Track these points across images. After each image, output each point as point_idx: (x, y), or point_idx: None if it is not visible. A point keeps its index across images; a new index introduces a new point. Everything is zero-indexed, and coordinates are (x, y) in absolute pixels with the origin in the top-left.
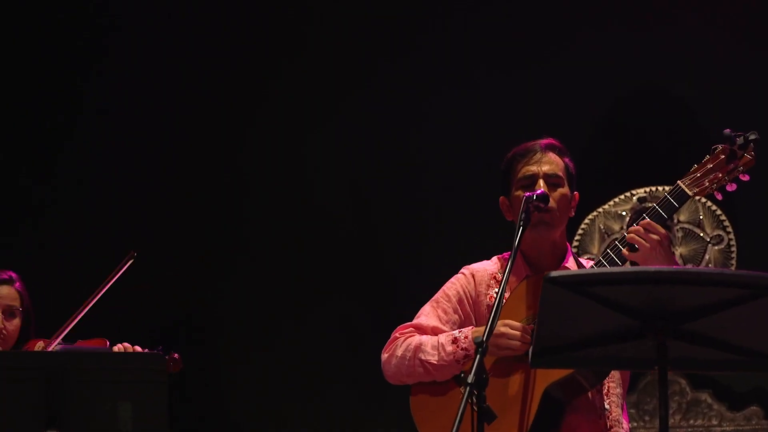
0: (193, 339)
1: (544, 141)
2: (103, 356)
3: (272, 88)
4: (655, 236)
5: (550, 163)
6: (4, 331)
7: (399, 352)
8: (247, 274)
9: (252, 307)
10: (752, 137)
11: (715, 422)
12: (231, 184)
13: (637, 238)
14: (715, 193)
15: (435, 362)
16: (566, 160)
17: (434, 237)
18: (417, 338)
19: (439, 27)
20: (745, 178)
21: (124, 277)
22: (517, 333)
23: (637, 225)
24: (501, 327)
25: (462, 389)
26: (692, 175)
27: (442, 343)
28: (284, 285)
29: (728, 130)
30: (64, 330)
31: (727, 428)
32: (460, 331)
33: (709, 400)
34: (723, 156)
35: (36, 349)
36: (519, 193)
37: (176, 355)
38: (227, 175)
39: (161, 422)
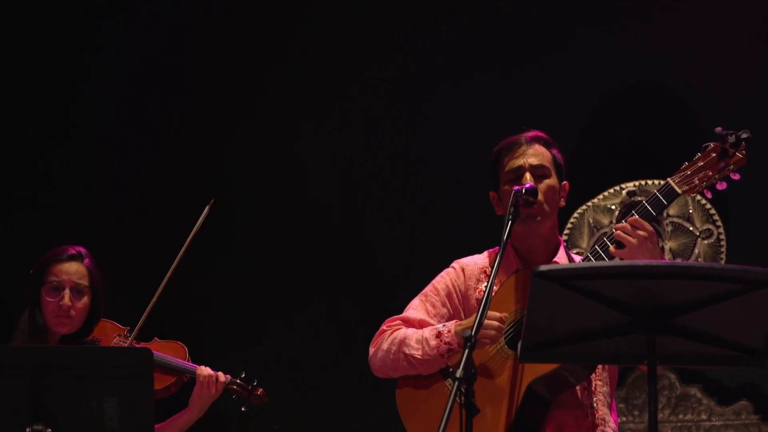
0: (181, 337)
1: (530, 133)
2: (89, 351)
3: (264, 86)
4: (642, 233)
5: (535, 154)
6: (72, 311)
7: (385, 346)
8: (237, 271)
9: (241, 305)
10: (744, 136)
11: (704, 417)
12: (221, 181)
13: (623, 234)
14: (705, 191)
15: (419, 356)
16: (553, 150)
17: (426, 234)
18: (402, 332)
19: (432, 23)
20: (736, 176)
21: (114, 275)
22: (494, 323)
23: (624, 221)
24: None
25: (447, 383)
26: (682, 173)
27: (426, 338)
28: (274, 282)
29: (720, 128)
30: (140, 323)
31: (717, 423)
32: (444, 325)
33: (699, 395)
34: (714, 154)
35: (114, 342)
36: (507, 187)
37: (261, 390)
38: (217, 171)
39: (148, 418)
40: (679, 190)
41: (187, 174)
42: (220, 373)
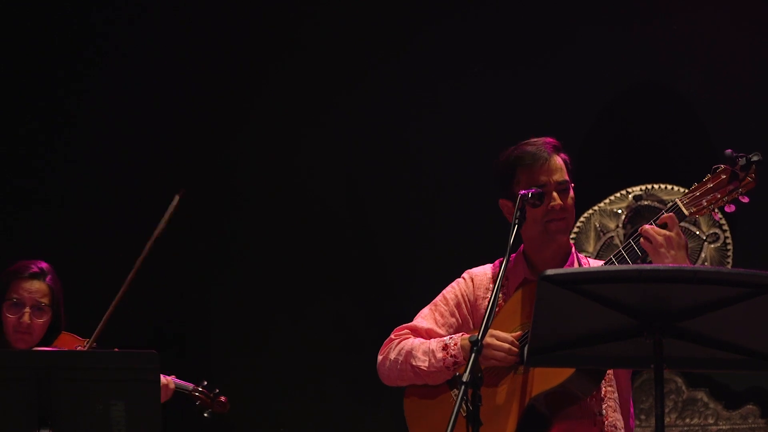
0: (187, 339)
1: (548, 144)
2: (95, 355)
3: (267, 85)
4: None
5: (558, 169)
6: (31, 329)
7: (392, 356)
8: (242, 273)
9: (247, 307)
10: (755, 159)
11: (711, 421)
12: (225, 182)
13: (651, 232)
14: (713, 213)
15: (425, 368)
16: (563, 155)
17: (431, 237)
18: (410, 342)
19: (435, 23)
20: (745, 200)
21: (115, 277)
22: (504, 345)
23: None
24: (488, 337)
25: (453, 393)
26: (691, 194)
27: (432, 350)
28: (279, 285)
29: (730, 150)
30: (100, 329)
31: (723, 427)
32: (450, 338)
33: (705, 399)
34: (724, 176)
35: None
36: None
37: (224, 398)
38: (221, 173)
39: (154, 421)
40: (686, 212)
41: (191, 177)
42: (170, 379)
